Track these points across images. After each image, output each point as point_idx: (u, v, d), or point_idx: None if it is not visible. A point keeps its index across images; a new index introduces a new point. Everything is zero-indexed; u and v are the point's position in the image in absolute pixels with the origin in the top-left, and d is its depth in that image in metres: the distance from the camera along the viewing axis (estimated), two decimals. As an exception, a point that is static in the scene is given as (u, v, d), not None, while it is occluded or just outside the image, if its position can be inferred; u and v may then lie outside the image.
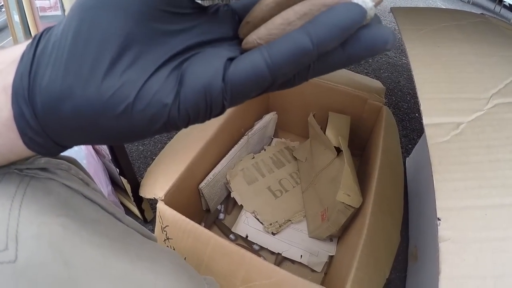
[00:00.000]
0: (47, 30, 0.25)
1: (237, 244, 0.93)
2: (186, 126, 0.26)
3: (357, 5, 0.22)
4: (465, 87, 0.64)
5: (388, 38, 0.23)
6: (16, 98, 0.24)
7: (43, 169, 0.36)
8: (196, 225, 0.73)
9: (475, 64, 0.70)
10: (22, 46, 0.25)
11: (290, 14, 0.24)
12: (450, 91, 0.63)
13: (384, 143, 0.93)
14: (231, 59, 0.24)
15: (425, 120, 0.56)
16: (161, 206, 0.77)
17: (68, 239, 0.32)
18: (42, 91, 0.23)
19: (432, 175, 0.50)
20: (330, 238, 1.01)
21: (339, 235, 0.99)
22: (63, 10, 0.68)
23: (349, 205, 0.83)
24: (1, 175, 0.32)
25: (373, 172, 0.86)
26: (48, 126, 0.24)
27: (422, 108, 0.58)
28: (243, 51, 0.25)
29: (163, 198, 0.78)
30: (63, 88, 0.23)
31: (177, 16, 0.25)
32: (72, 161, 0.42)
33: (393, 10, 1.03)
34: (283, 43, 0.23)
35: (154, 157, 1.32)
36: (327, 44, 0.23)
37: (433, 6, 3.99)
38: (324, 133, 1.03)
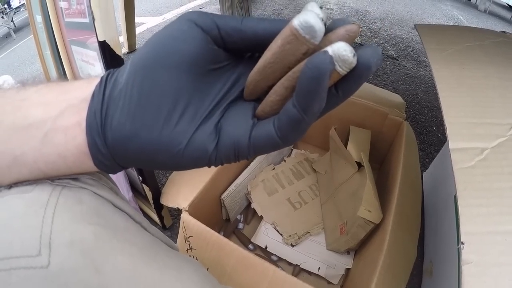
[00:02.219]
0: (111, 73, 0.32)
1: (255, 254, 0.96)
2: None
3: (319, 56, 0.25)
4: (489, 112, 0.67)
5: (370, 62, 0.26)
6: (90, 131, 0.31)
7: (74, 179, 0.38)
8: (220, 236, 0.76)
9: (499, 88, 0.73)
10: (89, 85, 0.33)
11: (282, 90, 0.29)
12: (474, 116, 0.66)
13: (405, 159, 0.96)
14: (254, 117, 0.32)
15: (451, 145, 0.60)
16: (185, 217, 0.80)
17: (99, 247, 0.33)
18: (112, 129, 0.30)
19: (451, 195, 0.54)
20: (348, 251, 1.03)
21: (356, 248, 1.02)
22: (93, 19, 0.70)
23: (369, 221, 0.85)
24: (33, 185, 0.35)
25: (394, 188, 0.88)
26: (116, 155, 0.32)
27: (448, 132, 0.61)
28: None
29: (187, 208, 0.82)
30: (131, 130, 0.30)
31: (216, 70, 0.33)
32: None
33: (418, 28, 1.06)
34: (283, 118, 0.29)
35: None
36: (313, 106, 0.27)
37: (450, 15, 4.01)
38: (346, 147, 1.06)
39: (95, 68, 0.82)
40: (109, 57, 0.74)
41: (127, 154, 0.32)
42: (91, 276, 0.31)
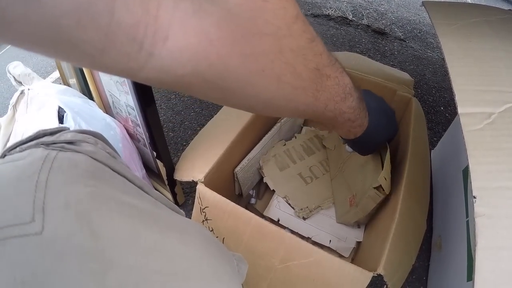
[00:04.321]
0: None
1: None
2: None
3: None
4: (495, 80, 0.69)
5: None
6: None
7: (69, 143, 0.39)
8: (237, 206, 0.79)
9: (504, 59, 0.75)
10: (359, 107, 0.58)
11: None
12: (482, 84, 0.68)
13: (414, 133, 0.98)
14: None
15: (460, 110, 0.62)
16: (201, 188, 0.83)
17: (96, 208, 0.34)
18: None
19: (458, 167, 0.57)
20: (358, 225, 1.06)
21: (366, 222, 1.05)
22: None
23: (380, 193, 0.87)
24: (28, 151, 0.37)
25: (404, 160, 0.91)
26: None
27: (457, 98, 0.64)
28: None
29: (203, 180, 0.84)
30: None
31: None
32: (98, 135, 0.46)
33: (425, 4, 1.08)
34: None
35: (184, 143, 1.38)
36: None
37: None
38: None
39: None
40: None
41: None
42: (87, 241, 0.31)
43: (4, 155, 0.38)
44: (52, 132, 0.41)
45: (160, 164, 1.00)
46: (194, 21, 0.26)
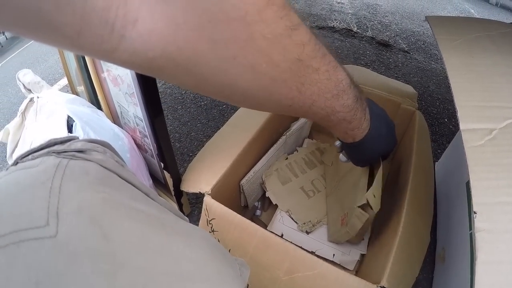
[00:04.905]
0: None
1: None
2: None
3: None
4: (497, 96, 0.71)
5: None
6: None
7: (80, 151, 0.42)
8: (243, 218, 0.80)
9: (506, 75, 0.77)
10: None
11: None
12: (484, 100, 0.70)
13: (418, 146, 1.00)
14: None
15: (462, 126, 0.64)
16: (208, 200, 0.85)
17: (107, 213, 0.35)
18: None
19: (462, 179, 0.59)
20: (355, 243, 1.06)
21: (358, 242, 1.05)
22: None
23: (364, 212, 0.87)
24: (40, 159, 0.39)
25: (407, 173, 0.92)
26: None
27: (459, 114, 0.66)
28: None
29: (210, 192, 0.86)
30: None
31: None
32: (106, 145, 0.49)
33: (429, 19, 1.10)
34: None
35: (190, 154, 1.40)
36: None
37: (462, 8, 4.00)
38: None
39: (123, 69, 0.85)
40: None
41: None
42: (99, 243, 0.33)
43: (16, 163, 0.40)
44: (63, 141, 0.43)
45: (167, 175, 1.01)
46: (162, 4, 0.28)
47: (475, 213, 0.51)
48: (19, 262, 0.29)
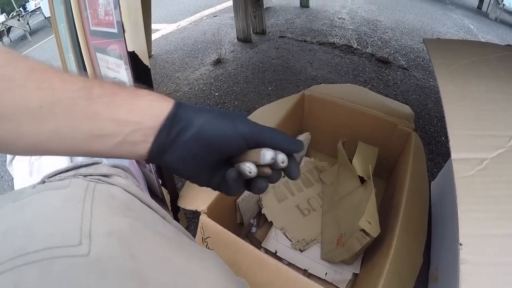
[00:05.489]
0: (177, 113, 0.45)
1: (267, 257, 1.01)
2: None
3: (233, 171, 0.48)
4: (490, 125, 0.72)
5: (255, 188, 0.50)
6: (151, 152, 0.45)
7: (105, 175, 0.45)
8: (237, 238, 0.81)
9: (500, 102, 0.79)
10: (153, 111, 0.45)
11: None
12: (477, 128, 0.71)
13: (413, 168, 1.01)
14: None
15: (453, 155, 0.65)
16: (203, 219, 0.86)
17: (134, 236, 0.38)
18: (167, 160, 0.46)
19: (456, 204, 0.60)
20: (348, 263, 1.07)
21: (352, 263, 1.06)
22: (122, 30, 0.74)
23: (366, 235, 0.89)
24: (67, 180, 0.42)
25: (401, 195, 0.93)
26: (160, 164, 0.48)
27: (451, 143, 0.67)
28: None
29: (205, 211, 0.87)
30: (179, 169, 0.48)
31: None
32: (127, 169, 0.53)
33: (426, 42, 1.11)
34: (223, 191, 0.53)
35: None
36: (231, 192, 0.52)
37: (461, 24, 4.03)
38: (352, 161, 1.12)
39: (120, 74, 0.87)
40: (137, 66, 0.80)
41: (168, 168, 0.48)
42: (127, 262, 0.36)
43: (43, 181, 0.42)
44: (88, 165, 0.47)
45: (165, 190, 1.03)
46: None
47: (460, 244, 0.53)
48: (52, 277, 0.31)
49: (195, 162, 0.47)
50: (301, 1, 4.30)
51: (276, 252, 1.09)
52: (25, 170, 1.29)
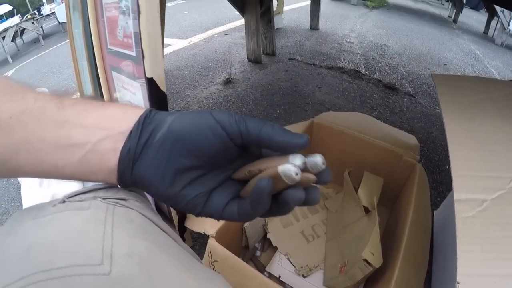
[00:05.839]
0: (148, 118, 0.42)
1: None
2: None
3: (266, 179, 0.37)
4: (492, 166, 0.75)
5: (289, 201, 0.39)
6: (122, 162, 0.41)
7: (123, 199, 0.47)
8: (244, 263, 0.84)
9: (504, 142, 0.82)
10: (125, 116, 0.43)
11: (251, 184, 0.42)
12: (479, 169, 0.74)
13: (416, 200, 1.03)
14: (231, 199, 0.45)
15: (456, 196, 0.68)
16: (212, 243, 0.89)
17: (152, 259, 0.40)
18: (140, 171, 0.41)
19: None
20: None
21: None
22: (142, 57, 0.77)
23: (369, 265, 0.91)
24: (88, 202, 0.44)
25: (404, 227, 0.95)
26: (134, 183, 0.43)
27: (454, 184, 0.70)
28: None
29: (214, 235, 0.90)
30: (152, 180, 0.41)
31: (224, 160, 0.44)
32: (143, 194, 0.54)
33: (434, 77, 1.15)
34: (242, 211, 0.43)
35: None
36: (258, 209, 0.40)
37: (467, 50, 4.06)
38: (357, 191, 1.15)
39: (136, 97, 0.89)
40: (154, 91, 0.82)
41: (145, 189, 0.44)
42: (145, 283, 0.37)
43: (63, 201, 0.44)
44: (106, 188, 0.49)
45: (173, 210, 1.04)
46: None
47: (458, 283, 0.56)
48: None
49: (171, 169, 0.41)
50: (311, 23, 4.38)
51: (279, 276, 1.12)
52: (35, 180, 1.31)
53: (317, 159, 0.39)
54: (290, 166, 0.36)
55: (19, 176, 0.45)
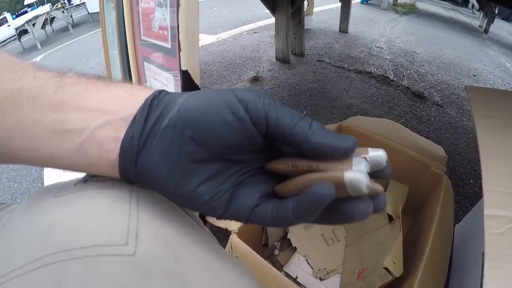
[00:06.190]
0: (155, 101, 0.37)
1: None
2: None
3: (327, 186, 0.30)
4: (524, 183, 0.75)
5: (354, 215, 0.33)
6: (124, 154, 0.35)
7: None
8: (265, 262, 0.85)
9: (537, 160, 0.81)
10: (129, 99, 0.37)
11: (298, 184, 0.35)
12: (510, 186, 0.74)
13: (441, 212, 1.02)
14: (261, 197, 0.38)
15: (486, 211, 0.68)
16: (234, 239, 0.90)
17: (178, 241, 0.39)
18: (145, 163, 0.35)
19: (480, 248, 0.62)
20: None
21: None
22: (178, 50, 0.77)
23: (389, 274, 0.91)
24: (111, 182, 0.41)
25: (427, 239, 0.94)
26: (141, 178, 0.37)
27: (484, 199, 0.70)
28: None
29: (236, 231, 0.91)
30: (161, 174, 0.35)
31: (250, 149, 0.38)
32: None
33: (468, 89, 1.14)
34: (281, 215, 0.35)
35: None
36: (305, 219, 0.33)
37: (498, 62, 4.00)
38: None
39: (168, 88, 0.89)
40: (188, 85, 0.83)
41: (152, 186, 0.38)
42: (171, 264, 0.36)
43: (85, 180, 0.42)
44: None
45: None
46: None
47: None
48: (96, 274, 0.32)
49: (184, 162, 0.35)
50: (340, 26, 4.36)
51: (296, 277, 1.12)
52: None
53: (381, 157, 0.33)
54: (362, 177, 0.30)
55: (14, 163, 0.41)
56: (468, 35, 5.69)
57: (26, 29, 9.12)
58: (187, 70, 0.80)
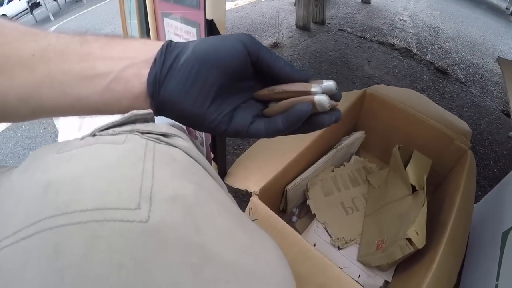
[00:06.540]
0: (170, 46, 0.44)
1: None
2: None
3: (307, 105, 0.43)
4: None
5: (324, 123, 0.46)
6: (149, 88, 0.42)
7: (165, 135, 0.41)
8: (286, 225, 0.83)
9: None
10: (148, 48, 0.45)
11: (283, 108, 0.46)
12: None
13: (464, 187, 1.00)
14: (254, 116, 0.48)
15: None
16: (254, 200, 0.88)
17: (200, 206, 0.34)
18: (167, 91, 0.43)
19: (498, 228, 0.61)
20: (380, 269, 1.07)
21: (387, 270, 1.05)
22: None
23: (411, 245, 0.89)
24: (124, 135, 0.38)
25: (451, 212, 0.93)
26: (163, 106, 0.44)
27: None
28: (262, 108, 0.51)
29: (258, 193, 0.89)
30: (180, 98, 0.43)
31: (243, 79, 0.48)
32: (185, 131, 0.49)
33: (500, 61, 1.11)
34: (272, 126, 0.46)
35: (236, 147, 1.43)
36: (293, 127, 0.45)
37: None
38: (405, 168, 1.12)
39: None
40: (212, 35, 0.79)
41: (172, 109, 0.44)
42: (191, 234, 0.32)
43: (94, 134, 0.39)
44: (145, 119, 0.44)
45: (214, 165, 1.03)
46: None
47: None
48: (101, 242, 0.28)
49: (197, 87, 0.43)
50: (362, -4, 4.27)
51: (314, 245, 1.11)
52: (74, 124, 1.28)
53: (332, 85, 0.45)
54: (325, 98, 0.44)
55: (37, 117, 0.45)
56: (494, 16, 5.58)
57: (38, 2, 9.26)
58: (212, 20, 0.78)
